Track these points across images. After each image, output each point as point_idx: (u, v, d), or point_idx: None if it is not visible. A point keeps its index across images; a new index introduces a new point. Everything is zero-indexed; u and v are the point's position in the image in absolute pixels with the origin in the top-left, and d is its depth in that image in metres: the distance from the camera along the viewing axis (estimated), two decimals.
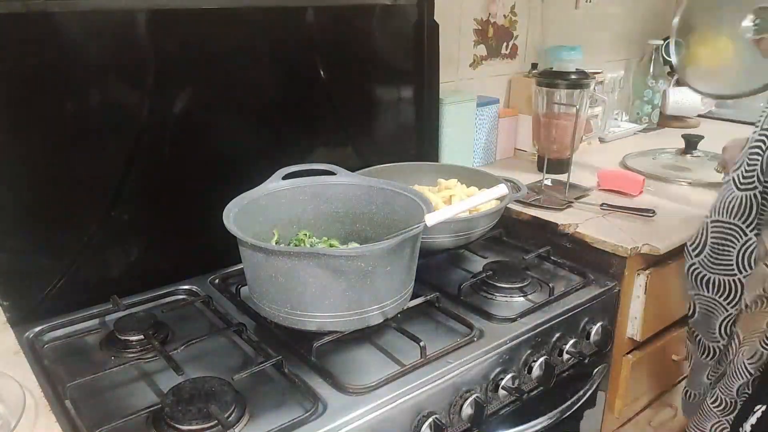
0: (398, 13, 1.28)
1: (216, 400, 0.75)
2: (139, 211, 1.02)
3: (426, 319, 0.97)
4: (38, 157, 0.91)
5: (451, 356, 0.87)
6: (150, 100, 0.98)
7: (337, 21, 1.19)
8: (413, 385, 0.81)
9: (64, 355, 0.89)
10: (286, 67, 1.14)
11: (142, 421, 0.74)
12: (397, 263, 0.84)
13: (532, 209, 1.28)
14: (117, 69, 0.94)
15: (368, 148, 1.31)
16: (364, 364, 0.86)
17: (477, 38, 1.60)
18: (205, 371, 0.82)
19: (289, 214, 1.02)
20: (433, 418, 0.81)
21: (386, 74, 1.31)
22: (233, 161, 1.09)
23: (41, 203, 0.92)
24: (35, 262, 0.94)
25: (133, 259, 1.04)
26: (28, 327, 0.92)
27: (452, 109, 1.47)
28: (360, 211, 1.03)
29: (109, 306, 0.97)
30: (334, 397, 0.78)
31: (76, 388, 0.78)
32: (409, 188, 0.99)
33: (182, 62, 1.00)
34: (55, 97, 0.90)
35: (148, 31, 0.95)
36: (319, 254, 0.80)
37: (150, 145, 1.00)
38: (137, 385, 0.82)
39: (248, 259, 0.86)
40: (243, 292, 1.01)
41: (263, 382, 0.82)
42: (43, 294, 0.95)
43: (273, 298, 0.84)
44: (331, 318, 0.83)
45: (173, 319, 0.97)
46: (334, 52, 1.19)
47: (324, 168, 1.02)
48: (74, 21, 0.89)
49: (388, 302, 0.86)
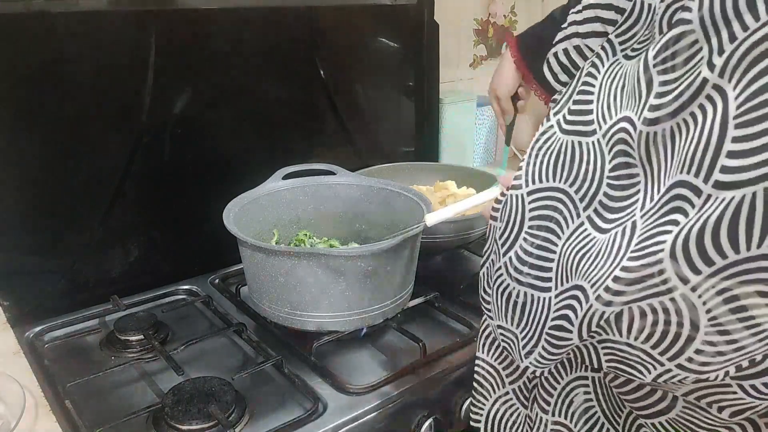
0: (398, 13, 1.28)
1: (216, 400, 0.75)
2: (139, 211, 1.02)
3: (426, 319, 0.97)
4: (38, 157, 0.91)
5: (451, 356, 0.87)
6: (150, 100, 0.98)
7: (337, 21, 1.19)
8: (413, 385, 0.81)
9: (64, 355, 0.89)
10: (286, 67, 1.14)
11: (142, 421, 0.74)
12: (397, 263, 0.84)
13: None
14: (117, 69, 0.94)
15: (368, 148, 1.31)
16: (365, 364, 0.86)
17: (477, 38, 1.60)
18: (205, 371, 0.82)
19: (289, 214, 1.02)
20: (433, 418, 0.81)
21: (386, 74, 1.31)
22: (233, 161, 1.09)
23: (41, 203, 0.93)
24: (35, 262, 0.94)
25: (133, 259, 1.04)
26: (28, 327, 0.92)
27: (452, 109, 1.47)
28: (360, 211, 1.03)
29: (109, 306, 0.97)
30: (334, 397, 0.78)
31: (76, 388, 0.78)
32: (409, 188, 0.99)
33: (182, 62, 1.00)
34: (55, 97, 0.90)
35: (148, 31, 0.95)
36: (319, 254, 0.80)
37: (150, 145, 1.00)
38: (137, 385, 0.82)
39: (248, 259, 0.86)
40: (243, 292, 1.01)
41: (263, 382, 0.82)
42: (43, 294, 0.95)
43: (273, 298, 0.84)
44: (331, 318, 0.83)
45: (173, 319, 0.97)
46: (334, 52, 1.19)
47: (324, 168, 1.03)
48: (74, 21, 0.89)
49: (388, 302, 0.86)
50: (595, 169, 0.48)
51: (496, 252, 0.55)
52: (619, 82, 0.48)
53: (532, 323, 0.51)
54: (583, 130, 0.50)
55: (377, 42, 1.27)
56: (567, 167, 0.50)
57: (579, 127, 0.50)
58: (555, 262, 0.49)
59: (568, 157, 0.50)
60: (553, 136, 0.52)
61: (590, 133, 0.49)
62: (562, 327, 0.48)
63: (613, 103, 0.47)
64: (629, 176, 0.45)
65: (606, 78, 0.50)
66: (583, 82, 0.52)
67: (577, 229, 0.48)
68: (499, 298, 0.55)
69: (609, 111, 0.48)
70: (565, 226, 0.49)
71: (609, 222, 0.46)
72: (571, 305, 0.46)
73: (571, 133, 0.51)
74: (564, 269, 0.48)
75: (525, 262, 0.51)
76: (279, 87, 1.14)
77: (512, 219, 0.53)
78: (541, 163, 0.52)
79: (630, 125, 0.44)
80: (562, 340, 0.48)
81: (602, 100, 0.49)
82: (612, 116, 0.47)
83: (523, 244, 0.51)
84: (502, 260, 0.54)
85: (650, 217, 0.41)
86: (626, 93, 0.46)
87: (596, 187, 0.47)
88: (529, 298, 0.51)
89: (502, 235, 0.54)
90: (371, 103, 1.30)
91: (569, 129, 0.51)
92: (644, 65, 0.43)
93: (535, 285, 0.51)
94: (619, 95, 0.47)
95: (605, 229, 0.46)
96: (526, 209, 0.52)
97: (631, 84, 0.46)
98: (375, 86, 1.30)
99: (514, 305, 0.53)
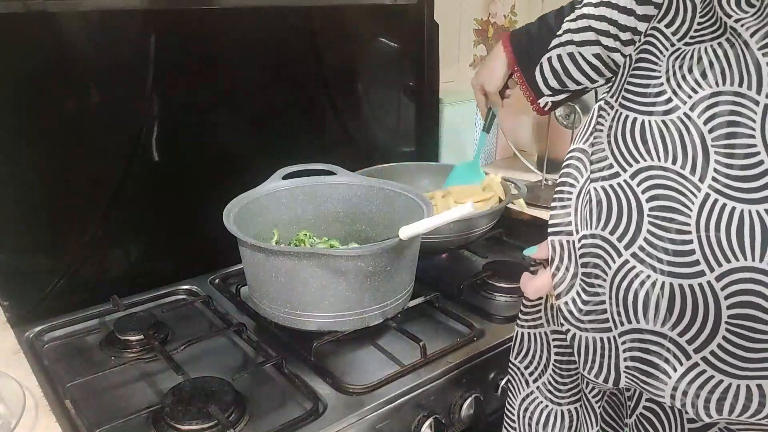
0: (398, 13, 1.28)
1: (216, 400, 0.74)
2: (139, 211, 1.02)
3: (426, 319, 0.97)
4: (38, 156, 0.91)
5: (451, 356, 0.86)
6: (150, 100, 0.98)
7: (337, 21, 1.19)
8: (413, 385, 0.81)
9: (64, 355, 0.89)
10: (286, 67, 1.14)
11: (142, 421, 0.74)
12: (397, 263, 0.84)
13: (532, 209, 1.28)
14: (117, 69, 0.94)
15: (368, 148, 1.31)
16: (364, 364, 0.86)
17: (477, 38, 1.60)
18: (205, 371, 0.82)
19: (289, 214, 1.02)
20: (433, 418, 0.81)
21: (386, 74, 1.31)
22: (233, 161, 1.09)
23: (41, 203, 0.92)
24: (35, 262, 0.94)
25: (133, 259, 1.04)
26: (28, 327, 0.92)
27: (452, 109, 1.47)
28: (360, 211, 1.03)
29: (109, 306, 0.97)
30: (334, 397, 0.78)
31: (76, 388, 0.78)
32: (409, 188, 0.99)
33: (182, 62, 1.00)
34: (55, 97, 0.90)
35: (148, 31, 0.95)
36: (319, 254, 0.80)
37: (150, 145, 1.00)
38: (137, 385, 0.82)
39: (248, 259, 0.86)
40: (243, 292, 1.01)
41: (263, 382, 0.82)
42: (43, 294, 0.95)
43: (273, 298, 0.84)
44: (331, 318, 0.83)
45: (173, 319, 0.97)
46: (334, 52, 1.19)
47: (324, 168, 1.02)
48: (74, 21, 0.89)
49: (388, 302, 0.86)
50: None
51: (605, 248, 0.48)
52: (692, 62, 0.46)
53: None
54: (659, 110, 0.46)
55: (377, 42, 1.27)
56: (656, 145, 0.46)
57: (647, 107, 0.47)
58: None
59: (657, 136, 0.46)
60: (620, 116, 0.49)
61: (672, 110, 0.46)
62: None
63: (702, 79, 0.45)
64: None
65: (671, 61, 0.48)
66: (638, 66, 0.49)
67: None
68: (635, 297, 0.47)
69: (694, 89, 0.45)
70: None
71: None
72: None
73: (642, 113, 0.48)
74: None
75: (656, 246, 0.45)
76: (279, 87, 1.14)
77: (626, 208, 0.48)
78: (626, 142, 0.48)
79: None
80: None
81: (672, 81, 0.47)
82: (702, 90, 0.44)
83: (650, 228, 0.46)
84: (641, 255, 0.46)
85: None
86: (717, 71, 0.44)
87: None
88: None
89: (616, 228, 0.47)
90: (371, 103, 1.30)
91: (633, 107, 0.48)
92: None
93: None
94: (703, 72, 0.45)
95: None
96: (640, 198, 0.46)
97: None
98: (375, 86, 1.30)
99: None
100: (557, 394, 0.65)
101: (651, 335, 0.46)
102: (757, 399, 0.43)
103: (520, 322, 0.66)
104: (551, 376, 0.64)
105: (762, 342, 0.41)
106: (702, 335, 0.43)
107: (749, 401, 0.43)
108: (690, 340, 0.44)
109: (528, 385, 0.67)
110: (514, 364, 0.68)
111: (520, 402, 0.68)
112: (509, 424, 0.70)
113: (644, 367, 0.48)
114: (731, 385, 0.44)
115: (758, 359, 0.42)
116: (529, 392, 0.67)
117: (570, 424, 0.65)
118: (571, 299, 0.51)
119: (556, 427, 0.65)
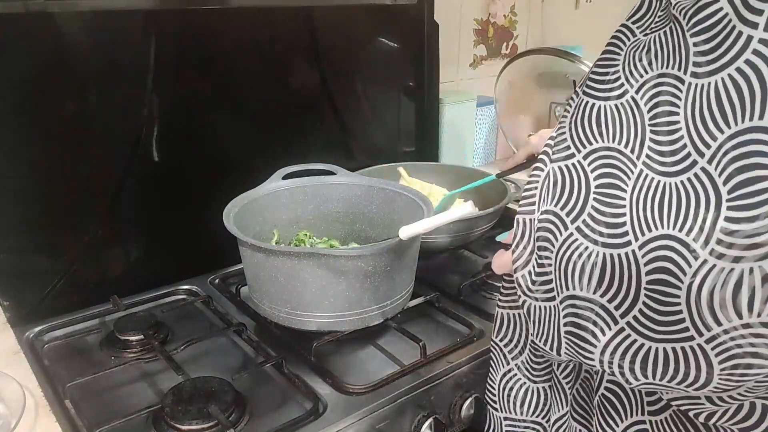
0: (398, 13, 1.28)
1: (216, 400, 0.75)
2: (139, 211, 1.02)
3: (426, 319, 0.97)
4: (38, 157, 0.91)
5: (451, 356, 0.86)
6: (150, 100, 0.98)
7: (336, 21, 1.19)
8: (413, 385, 0.81)
9: (64, 355, 0.89)
10: (286, 67, 1.14)
11: (142, 421, 0.74)
12: (397, 263, 0.84)
13: None
14: (117, 69, 0.94)
15: (368, 148, 1.31)
16: (364, 364, 0.86)
17: (477, 38, 1.61)
18: (205, 371, 0.82)
19: (289, 214, 1.02)
20: (433, 418, 0.81)
21: (386, 74, 1.31)
22: (233, 161, 1.09)
23: (41, 203, 0.92)
24: (35, 262, 0.94)
25: (133, 259, 1.04)
26: (28, 327, 0.92)
27: (452, 109, 1.47)
28: (360, 211, 1.03)
29: (109, 306, 0.97)
30: (334, 397, 0.78)
31: (76, 388, 0.78)
32: (409, 188, 0.99)
33: (182, 62, 1.00)
34: (55, 97, 0.90)
35: (148, 31, 0.95)
36: (319, 254, 0.80)
37: (150, 145, 1.00)
38: (137, 385, 0.82)
39: (248, 259, 0.86)
40: (243, 292, 1.01)
41: (263, 382, 0.82)
42: (43, 294, 0.95)
43: (273, 298, 0.84)
44: (331, 318, 0.83)
45: (173, 319, 0.97)
46: (334, 52, 1.19)
47: (324, 168, 1.03)
48: (74, 21, 0.89)
49: (388, 302, 0.86)
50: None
51: (555, 223, 0.51)
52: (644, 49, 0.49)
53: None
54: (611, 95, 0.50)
55: (377, 42, 1.27)
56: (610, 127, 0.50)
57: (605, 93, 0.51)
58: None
59: (609, 119, 0.50)
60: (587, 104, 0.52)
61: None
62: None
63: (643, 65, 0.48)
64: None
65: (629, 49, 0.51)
66: (602, 57, 0.53)
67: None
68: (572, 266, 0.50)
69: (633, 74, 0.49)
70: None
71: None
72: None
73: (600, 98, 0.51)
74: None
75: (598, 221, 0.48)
76: (279, 87, 1.14)
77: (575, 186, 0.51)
78: (584, 126, 0.52)
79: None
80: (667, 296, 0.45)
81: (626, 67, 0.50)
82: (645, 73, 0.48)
83: (594, 204, 0.49)
84: (571, 227, 0.50)
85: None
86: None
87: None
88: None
89: (566, 204, 0.50)
90: (371, 103, 1.30)
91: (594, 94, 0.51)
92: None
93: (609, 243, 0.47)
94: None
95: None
96: (589, 176, 0.50)
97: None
98: (375, 86, 1.30)
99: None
100: (534, 372, 0.68)
101: (583, 301, 0.49)
102: (672, 364, 0.45)
103: (501, 303, 0.69)
104: (528, 355, 0.68)
105: (672, 305, 0.43)
106: (627, 301, 0.46)
107: (666, 366, 0.45)
108: (617, 306, 0.47)
109: (507, 363, 0.70)
110: (495, 342, 0.71)
111: (500, 378, 0.71)
112: (490, 397, 0.73)
113: (578, 331, 0.51)
114: (651, 348, 0.46)
115: (669, 322, 0.44)
116: (509, 369, 0.70)
117: (545, 401, 0.69)
118: (528, 272, 0.54)
119: (533, 402, 0.69)
